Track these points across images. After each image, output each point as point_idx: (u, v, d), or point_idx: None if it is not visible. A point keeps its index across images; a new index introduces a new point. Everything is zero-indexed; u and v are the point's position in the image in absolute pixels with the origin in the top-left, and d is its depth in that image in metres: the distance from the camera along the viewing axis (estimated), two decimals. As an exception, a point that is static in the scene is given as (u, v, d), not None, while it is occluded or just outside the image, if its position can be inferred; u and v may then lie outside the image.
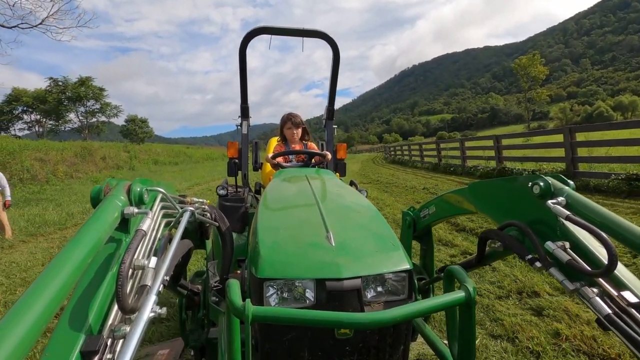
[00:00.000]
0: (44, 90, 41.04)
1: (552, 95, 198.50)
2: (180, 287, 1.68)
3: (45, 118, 43.15)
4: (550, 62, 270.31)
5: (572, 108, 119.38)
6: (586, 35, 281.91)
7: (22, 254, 5.37)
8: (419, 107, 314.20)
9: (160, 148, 34.95)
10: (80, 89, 40.20)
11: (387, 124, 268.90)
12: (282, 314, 0.86)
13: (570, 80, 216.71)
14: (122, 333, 0.72)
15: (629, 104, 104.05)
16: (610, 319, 0.82)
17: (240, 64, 2.79)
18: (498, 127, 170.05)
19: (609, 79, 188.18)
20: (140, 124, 48.00)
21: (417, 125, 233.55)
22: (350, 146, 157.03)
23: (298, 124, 2.89)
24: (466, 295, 0.96)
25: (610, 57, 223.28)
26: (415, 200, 7.74)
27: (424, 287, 1.77)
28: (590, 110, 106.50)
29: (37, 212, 8.84)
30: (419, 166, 17.92)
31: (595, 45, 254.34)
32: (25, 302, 0.56)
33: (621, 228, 0.92)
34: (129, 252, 0.79)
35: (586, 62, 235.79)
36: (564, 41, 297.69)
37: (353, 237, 1.19)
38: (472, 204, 1.48)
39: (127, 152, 27.06)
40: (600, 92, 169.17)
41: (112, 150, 25.12)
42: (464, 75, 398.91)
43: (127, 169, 23.83)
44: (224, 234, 1.60)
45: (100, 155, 22.84)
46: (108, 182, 1.04)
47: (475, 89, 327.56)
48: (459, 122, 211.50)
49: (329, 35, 2.77)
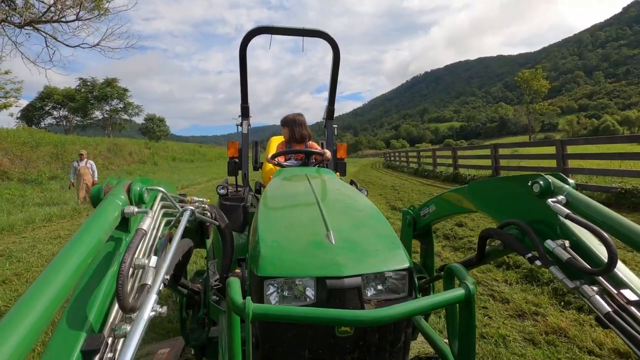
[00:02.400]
0: (73, 89, 44.83)
1: (564, 107, 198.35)
2: (180, 286, 1.69)
3: (72, 114, 46.94)
4: (563, 74, 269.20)
5: (579, 121, 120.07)
6: (601, 47, 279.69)
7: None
8: (428, 114, 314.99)
9: (176, 146, 38.18)
10: (107, 89, 43.90)
11: (396, 129, 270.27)
12: (282, 312, 0.87)
13: (582, 93, 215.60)
14: (122, 332, 0.73)
15: (635, 118, 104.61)
16: (610, 317, 0.83)
17: (240, 64, 2.81)
18: (507, 136, 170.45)
19: (621, 93, 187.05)
20: (158, 122, 51.53)
21: (425, 132, 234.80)
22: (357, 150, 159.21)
23: (301, 124, 2.88)
24: (466, 293, 0.96)
25: (624, 71, 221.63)
26: (377, 192, 10.50)
27: (424, 285, 1.77)
28: (597, 123, 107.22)
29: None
30: (405, 170, 20.56)
31: (609, 58, 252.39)
32: (26, 301, 0.56)
33: (622, 226, 0.92)
34: (129, 251, 0.80)
35: (599, 74, 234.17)
36: (578, 53, 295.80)
37: (353, 236, 1.19)
38: (472, 202, 1.48)
39: (148, 149, 30.24)
40: (611, 105, 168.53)
41: (136, 147, 28.30)
42: (476, 83, 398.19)
43: (151, 164, 26.92)
44: (224, 233, 1.62)
45: (127, 150, 26.01)
46: (108, 182, 1.05)
47: (487, 97, 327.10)
48: (468, 130, 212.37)
49: (329, 35, 2.77)
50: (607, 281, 0.91)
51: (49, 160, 16.96)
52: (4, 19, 14.31)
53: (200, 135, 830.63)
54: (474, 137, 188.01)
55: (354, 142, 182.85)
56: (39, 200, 11.02)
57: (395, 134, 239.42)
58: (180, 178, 17.57)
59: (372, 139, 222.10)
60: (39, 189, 13.26)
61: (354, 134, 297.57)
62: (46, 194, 12.11)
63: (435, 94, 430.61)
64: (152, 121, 51.00)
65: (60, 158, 17.45)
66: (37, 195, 11.97)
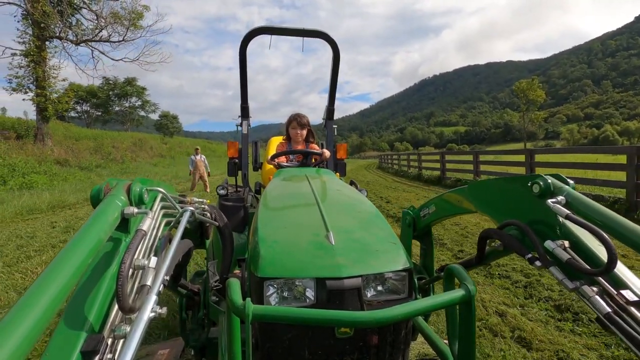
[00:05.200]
0: (96, 87, 48.71)
1: (570, 115, 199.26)
2: (180, 287, 1.69)
3: (94, 110, 50.87)
4: (571, 82, 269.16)
5: (580, 130, 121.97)
6: (611, 56, 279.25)
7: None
8: (435, 118, 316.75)
9: (189, 142, 41.74)
10: (127, 87, 47.70)
11: (401, 132, 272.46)
12: (282, 313, 0.87)
13: (589, 102, 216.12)
14: (122, 333, 0.73)
15: (635, 129, 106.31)
16: (610, 318, 0.83)
17: (240, 64, 2.80)
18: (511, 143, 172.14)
19: (627, 103, 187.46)
20: (171, 119, 55.27)
21: (430, 135, 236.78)
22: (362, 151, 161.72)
23: (304, 125, 2.84)
24: (466, 294, 0.96)
25: (632, 81, 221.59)
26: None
27: (424, 286, 1.77)
28: (597, 133, 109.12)
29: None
30: (390, 172, 23.74)
31: (618, 68, 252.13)
32: (26, 301, 0.56)
33: (621, 227, 0.92)
34: (129, 252, 0.80)
35: (607, 84, 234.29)
36: (587, 61, 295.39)
37: (353, 237, 1.19)
38: (472, 203, 1.48)
39: (165, 144, 33.74)
40: (616, 115, 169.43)
41: (155, 142, 31.81)
42: (484, 88, 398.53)
43: (169, 157, 30.40)
44: (224, 234, 1.62)
45: (149, 145, 29.51)
46: (108, 182, 1.04)
47: (494, 103, 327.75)
48: (472, 135, 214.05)
49: (328, 35, 2.77)
50: (607, 282, 0.91)
51: (92, 151, 20.46)
52: (64, 36, 17.91)
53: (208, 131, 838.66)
54: (478, 143, 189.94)
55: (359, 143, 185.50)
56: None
57: (400, 137, 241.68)
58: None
59: (376, 141, 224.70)
60: (94, 174, 16.76)
61: (360, 135, 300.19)
62: (101, 179, 15.56)
63: (443, 98, 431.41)
64: (167, 118, 54.71)
65: (99, 150, 20.94)
66: (99, 180, 15.41)
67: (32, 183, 12.79)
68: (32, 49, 16.58)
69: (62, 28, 17.86)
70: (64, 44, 18.23)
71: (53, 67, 17.61)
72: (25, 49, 16.77)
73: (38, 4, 15.96)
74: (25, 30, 17.11)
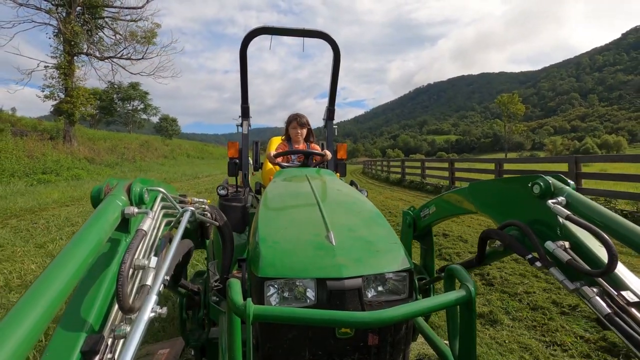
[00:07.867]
0: (101, 90, 51.59)
1: (557, 127, 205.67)
2: (180, 287, 1.69)
3: (98, 112, 53.71)
4: (559, 95, 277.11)
5: (562, 142, 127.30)
6: (598, 71, 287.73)
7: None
8: (427, 126, 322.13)
9: (187, 144, 44.72)
10: (131, 91, 50.68)
11: (394, 139, 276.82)
12: (283, 313, 0.87)
13: (575, 114, 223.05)
14: (122, 333, 0.73)
15: (613, 143, 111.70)
16: (610, 319, 0.83)
17: (240, 65, 2.80)
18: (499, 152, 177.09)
19: (611, 117, 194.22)
20: (171, 122, 58.22)
21: (422, 143, 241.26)
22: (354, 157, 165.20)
23: (303, 125, 2.85)
24: (467, 295, 0.96)
25: (617, 96, 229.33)
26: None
27: (424, 286, 1.78)
28: (579, 145, 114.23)
29: (157, 174, 18.19)
30: (370, 176, 26.98)
31: (605, 82, 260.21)
32: (26, 301, 0.56)
33: (622, 228, 0.92)
34: (129, 252, 0.80)
35: (594, 97, 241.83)
36: (575, 75, 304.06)
37: (354, 237, 1.19)
38: (472, 203, 1.47)
39: (167, 145, 36.67)
40: (600, 128, 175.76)
41: (158, 144, 34.75)
42: (476, 98, 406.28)
43: (171, 158, 33.36)
44: (224, 234, 1.63)
45: (153, 147, 32.44)
46: (108, 182, 1.04)
47: (485, 113, 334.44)
48: (463, 144, 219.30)
49: (329, 36, 2.76)
50: (607, 282, 0.91)
51: (108, 151, 23.42)
52: (91, 53, 21.09)
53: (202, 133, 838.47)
54: (468, 152, 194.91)
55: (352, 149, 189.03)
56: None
57: (392, 144, 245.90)
58: (200, 170, 24.06)
59: (369, 147, 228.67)
60: (118, 170, 19.75)
61: (353, 141, 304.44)
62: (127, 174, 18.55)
63: (436, 107, 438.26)
64: (166, 120, 57.66)
65: (114, 150, 23.89)
66: (124, 175, 18.39)
67: (78, 176, 15.79)
68: (63, 63, 19.57)
69: (89, 45, 21.03)
70: (91, 59, 21.46)
71: (79, 78, 20.70)
72: (57, 63, 19.76)
73: (69, 25, 18.99)
74: (57, 46, 20.14)
